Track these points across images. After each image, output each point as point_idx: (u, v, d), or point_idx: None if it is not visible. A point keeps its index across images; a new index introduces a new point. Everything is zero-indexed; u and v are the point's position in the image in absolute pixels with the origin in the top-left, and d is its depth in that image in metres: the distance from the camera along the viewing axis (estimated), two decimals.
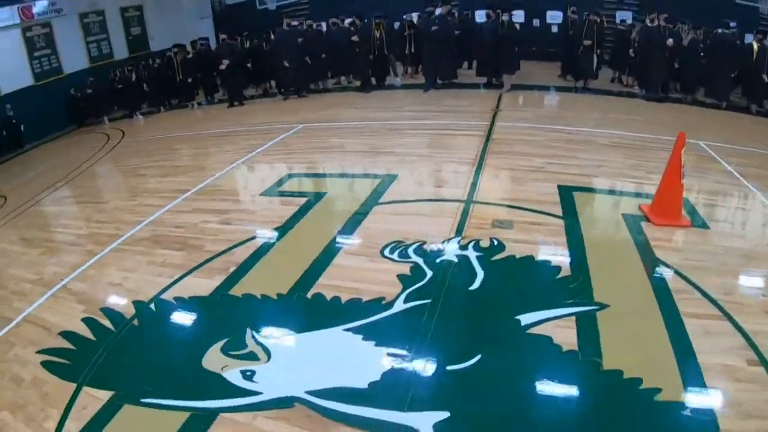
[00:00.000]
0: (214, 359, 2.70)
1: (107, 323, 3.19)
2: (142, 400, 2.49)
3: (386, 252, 3.62)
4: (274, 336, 2.87)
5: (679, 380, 2.35)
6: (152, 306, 3.34)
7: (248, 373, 2.56)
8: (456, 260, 3.44)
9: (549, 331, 2.72)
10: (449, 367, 2.46)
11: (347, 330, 2.81)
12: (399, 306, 2.97)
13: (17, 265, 4.31)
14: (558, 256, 3.48)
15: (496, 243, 3.64)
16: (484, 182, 4.85)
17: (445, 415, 2.19)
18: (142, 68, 12.09)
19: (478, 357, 2.51)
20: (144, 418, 2.39)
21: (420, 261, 3.45)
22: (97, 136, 10.48)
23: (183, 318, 3.20)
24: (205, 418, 2.32)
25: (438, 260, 3.46)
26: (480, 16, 11.08)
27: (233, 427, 2.26)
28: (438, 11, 9.65)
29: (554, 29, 11.74)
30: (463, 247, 3.60)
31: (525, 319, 2.79)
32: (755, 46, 7.47)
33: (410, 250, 3.60)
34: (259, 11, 14.77)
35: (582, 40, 8.61)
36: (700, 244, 3.65)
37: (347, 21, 10.53)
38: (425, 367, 2.50)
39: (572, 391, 2.34)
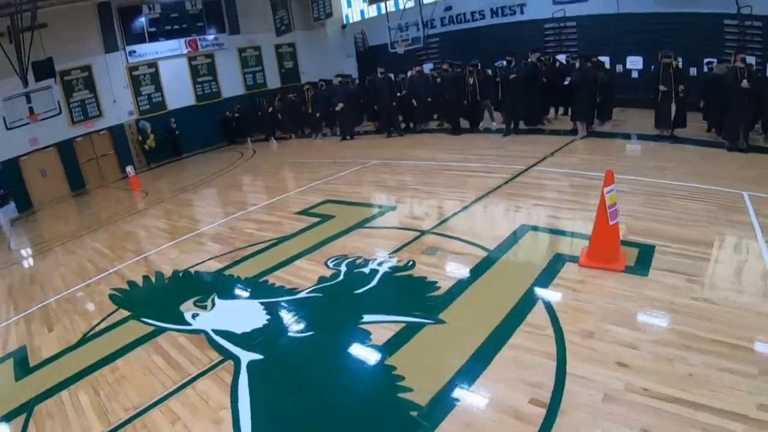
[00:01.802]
0: (186, 305, 4.46)
1: (153, 279, 5.25)
2: (142, 319, 4.36)
3: (329, 261, 4.94)
4: (223, 298, 4.50)
5: (437, 391, 2.72)
6: (181, 273, 5.29)
7: (195, 315, 4.24)
8: (367, 272, 4.58)
9: (374, 329, 3.48)
10: (290, 334, 3.73)
11: (260, 302, 4.29)
12: (301, 295, 4.30)
13: (128, 241, 6.88)
14: (447, 279, 4.16)
15: (410, 263, 4.62)
16: (456, 218, 5.65)
17: (260, 357, 3.46)
18: (278, 101, 14.86)
19: (312, 332, 3.70)
20: (135, 328, 4.26)
21: (343, 270, 4.69)
22: (235, 153, 13.55)
23: (190, 281, 5.09)
24: (160, 332, 4.07)
25: (356, 270, 4.64)
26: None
27: (167, 338, 3.96)
28: (530, 59, 10.29)
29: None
30: (382, 264, 4.70)
31: (367, 317, 3.71)
32: None
33: (344, 262, 4.85)
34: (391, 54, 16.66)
35: (658, 86, 8.36)
36: (611, 289, 3.57)
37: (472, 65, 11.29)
38: (279, 329, 3.81)
39: (353, 367, 3.18)
